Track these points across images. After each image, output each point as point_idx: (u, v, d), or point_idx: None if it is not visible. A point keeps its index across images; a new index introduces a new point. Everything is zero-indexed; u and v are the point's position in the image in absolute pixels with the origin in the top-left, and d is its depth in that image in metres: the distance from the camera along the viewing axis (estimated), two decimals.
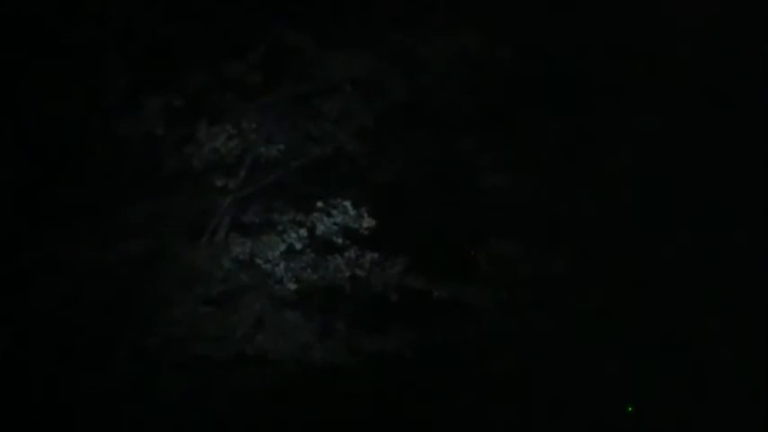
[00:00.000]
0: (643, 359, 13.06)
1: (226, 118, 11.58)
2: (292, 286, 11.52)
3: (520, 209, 12.73)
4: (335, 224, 11.56)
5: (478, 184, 12.70)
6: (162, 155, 11.53)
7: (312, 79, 11.89)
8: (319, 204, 11.54)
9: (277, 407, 11.63)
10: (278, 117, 11.77)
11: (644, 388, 13.25)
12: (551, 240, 12.72)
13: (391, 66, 11.96)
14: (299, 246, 11.55)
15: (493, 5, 12.34)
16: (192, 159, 11.39)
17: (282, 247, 11.49)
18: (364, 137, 11.96)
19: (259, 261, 11.49)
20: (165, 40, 11.59)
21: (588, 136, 13.12)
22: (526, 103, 12.83)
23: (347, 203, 11.54)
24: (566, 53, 12.84)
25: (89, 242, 11.27)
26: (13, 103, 11.25)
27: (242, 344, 11.43)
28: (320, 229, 11.58)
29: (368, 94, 11.97)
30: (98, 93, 11.47)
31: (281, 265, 11.49)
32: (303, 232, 11.54)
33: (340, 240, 11.58)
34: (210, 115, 11.59)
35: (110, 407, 11.28)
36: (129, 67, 11.46)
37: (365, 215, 11.57)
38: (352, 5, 12.00)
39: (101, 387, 11.24)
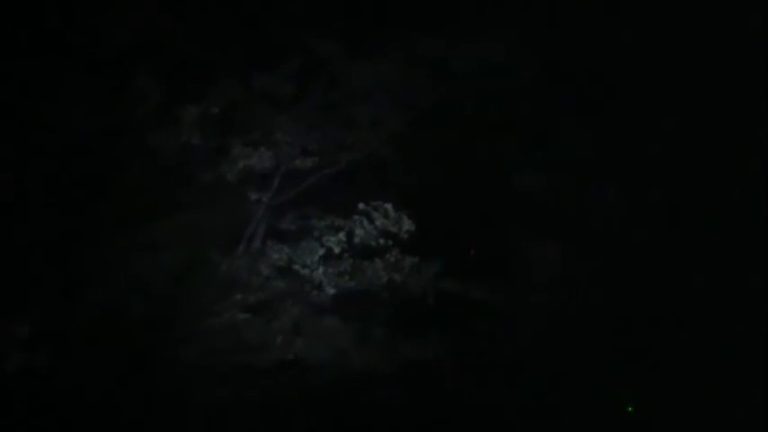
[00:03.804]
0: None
1: (258, 129, 11.68)
2: (330, 291, 11.50)
3: (554, 211, 12.79)
4: (375, 228, 11.59)
5: (511, 186, 12.76)
6: (196, 168, 11.60)
7: (342, 88, 12.02)
8: (360, 206, 11.57)
9: (317, 414, 11.53)
10: (310, 126, 11.85)
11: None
12: (584, 241, 12.76)
13: (420, 73, 12.11)
14: (337, 250, 11.57)
15: (516, 13, 12.56)
16: (226, 175, 11.46)
17: (321, 251, 11.51)
18: (396, 142, 12.04)
19: (297, 267, 11.51)
20: (198, 52, 11.72)
21: (615, 137, 13.24)
22: (553, 106, 12.98)
23: (388, 206, 11.58)
24: (586, 56, 13.02)
25: (127, 255, 11.30)
26: (49, 120, 11.34)
27: (281, 351, 11.37)
28: (359, 233, 11.60)
29: (398, 101, 12.08)
30: (132, 106, 11.54)
31: (320, 271, 11.49)
32: (342, 236, 11.56)
33: (381, 242, 11.58)
34: (244, 127, 11.71)
35: (152, 420, 11.19)
36: (161, 80, 11.56)
37: (405, 218, 11.60)
38: (381, 15, 12.17)
39: (142, 400, 11.17)
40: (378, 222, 11.58)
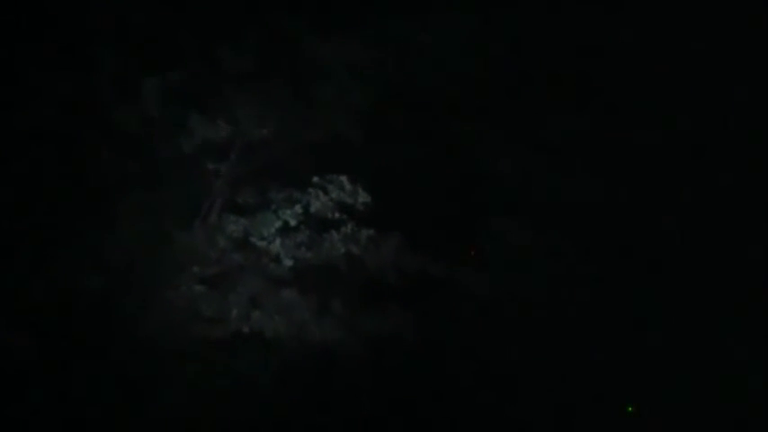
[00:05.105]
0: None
1: (218, 102, 11.68)
2: (288, 264, 11.42)
3: (521, 193, 12.61)
4: (331, 200, 11.51)
5: (479, 168, 12.61)
6: (155, 141, 11.61)
7: (306, 64, 11.98)
8: (315, 180, 11.50)
9: (276, 386, 11.43)
10: (271, 102, 11.81)
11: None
12: (552, 225, 12.54)
13: (388, 51, 12.05)
14: (293, 223, 11.50)
15: None
16: (183, 146, 11.46)
17: (277, 224, 11.44)
18: (361, 121, 11.95)
19: (254, 240, 11.44)
20: (160, 25, 11.76)
21: (589, 121, 13.01)
22: (526, 90, 12.81)
23: (343, 178, 11.50)
24: (561, 42, 12.86)
25: (85, 229, 11.34)
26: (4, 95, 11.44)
27: (238, 323, 11.30)
28: (316, 205, 11.53)
29: (364, 79, 12.01)
30: (92, 77, 11.60)
31: (277, 243, 11.42)
32: (298, 209, 11.49)
33: (337, 215, 11.50)
34: (203, 100, 11.71)
35: (108, 392, 11.17)
36: (120, 53, 11.61)
37: (360, 191, 11.51)
38: None
39: (98, 373, 11.16)
40: (333, 195, 11.49)
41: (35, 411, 11.00)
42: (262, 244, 11.43)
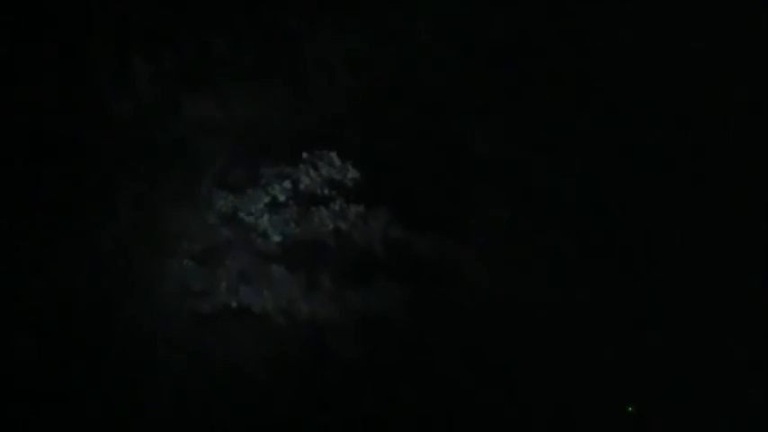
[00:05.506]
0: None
1: (213, 91, 11.83)
2: (276, 239, 11.51)
3: (509, 178, 12.62)
4: (320, 176, 11.59)
5: (468, 151, 12.64)
6: (149, 125, 11.75)
7: (300, 53, 12.11)
8: (305, 155, 11.58)
9: (264, 360, 11.50)
10: (266, 93, 11.93)
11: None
12: (539, 210, 12.56)
13: (381, 42, 12.16)
14: (282, 198, 11.59)
15: None
16: (173, 124, 11.60)
17: (266, 199, 11.53)
18: (353, 110, 12.05)
19: (242, 215, 11.53)
20: (155, 15, 11.92)
21: (581, 110, 13.02)
22: (517, 78, 12.85)
23: (333, 154, 11.58)
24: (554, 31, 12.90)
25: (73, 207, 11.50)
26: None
27: (226, 297, 11.40)
28: (305, 181, 11.61)
29: (357, 69, 12.11)
30: (86, 63, 11.76)
31: (265, 218, 11.51)
32: (287, 184, 11.58)
33: (326, 192, 11.58)
34: (198, 89, 11.86)
35: (94, 365, 11.30)
36: (118, 39, 11.77)
37: (350, 167, 11.59)
38: None
39: (86, 348, 11.30)
40: (323, 171, 11.56)
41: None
42: (250, 219, 11.50)
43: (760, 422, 12.65)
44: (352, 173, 11.57)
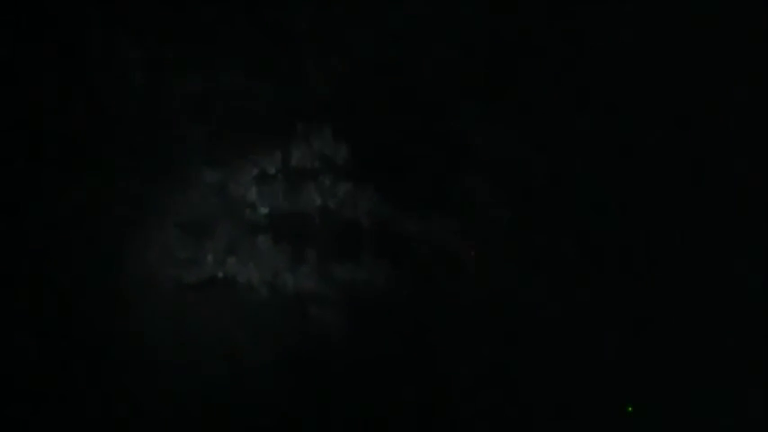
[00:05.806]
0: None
1: (198, 54, 11.82)
2: (264, 211, 11.56)
3: (496, 163, 12.60)
4: (311, 150, 11.63)
5: (457, 136, 12.63)
6: (134, 100, 11.77)
7: (289, 18, 12.09)
8: (299, 128, 11.62)
9: (248, 330, 11.59)
10: (252, 54, 11.93)
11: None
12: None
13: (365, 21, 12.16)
14: (272, 171, 11.63)
15: None
16: (161, 96, 11.63)
17: (255, 171, 11.57)
18: (340, 88, 12.06)
19: (230, 186, 11.57)
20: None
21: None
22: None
23: (326, 129, 11.61)
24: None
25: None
26: None
27: (212, 268, 11.46)
28: (296, 155, 11.65)
29: (342, 48, 12.13)
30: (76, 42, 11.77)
31: (253, 191, 11.55)
32: (277, 156, 11.62)
33: (316, 166, 11.62)
34: (184, 62, 11.86)
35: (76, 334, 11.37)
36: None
37: (343, 142, 11.63)
38: None
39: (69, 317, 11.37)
40: (315, 145, 11.59)
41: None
42: (238, 191, 11.55)
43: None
44: (344, 150, 11.59)
